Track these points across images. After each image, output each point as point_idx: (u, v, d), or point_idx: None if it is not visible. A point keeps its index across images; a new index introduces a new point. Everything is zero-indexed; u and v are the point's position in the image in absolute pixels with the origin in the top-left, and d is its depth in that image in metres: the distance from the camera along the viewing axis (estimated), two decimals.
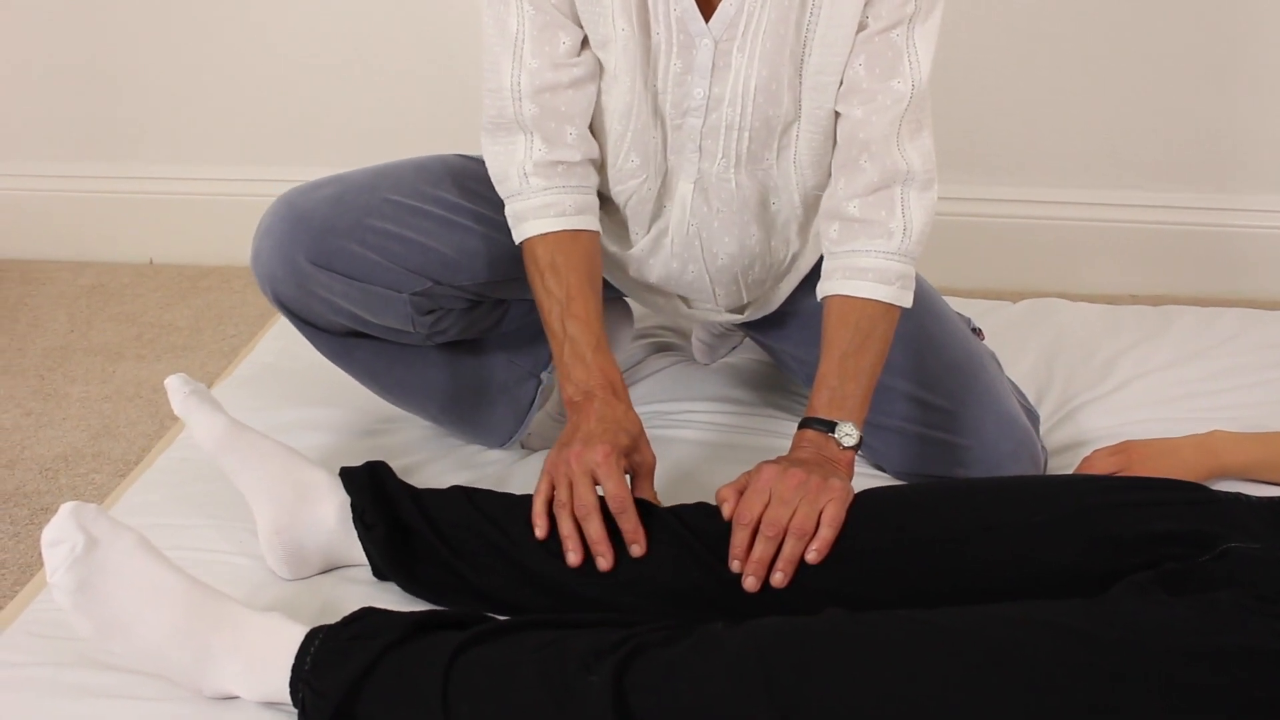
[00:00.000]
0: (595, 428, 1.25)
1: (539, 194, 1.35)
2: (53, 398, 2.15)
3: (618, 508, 1.20)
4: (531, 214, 1.35)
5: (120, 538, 1.14)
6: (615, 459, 1.22)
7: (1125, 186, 2.40)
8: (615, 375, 1.31)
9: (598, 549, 1.20)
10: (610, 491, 1.20)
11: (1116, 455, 1.47)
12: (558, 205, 1.35)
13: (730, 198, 1.39)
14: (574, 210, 1.35)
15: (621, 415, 1.28)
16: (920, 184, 1.33)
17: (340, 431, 1.65)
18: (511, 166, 1.35)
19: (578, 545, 1.20)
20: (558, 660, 1.06)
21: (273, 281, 1.40)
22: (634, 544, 1.20)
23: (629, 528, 1.20)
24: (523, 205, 1.35)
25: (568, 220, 1.35)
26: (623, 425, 1.27)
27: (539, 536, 1.22)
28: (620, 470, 1.22)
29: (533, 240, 1.35)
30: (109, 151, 2.66)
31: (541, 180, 1.35)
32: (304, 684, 1.10)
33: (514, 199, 1.36)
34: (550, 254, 1.33)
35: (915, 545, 1.18)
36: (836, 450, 1.27)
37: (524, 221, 1.36)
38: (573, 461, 1.22)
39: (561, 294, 1.32)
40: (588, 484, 1.21)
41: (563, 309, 1.32)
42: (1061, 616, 1.02)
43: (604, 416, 1.26)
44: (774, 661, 1.02)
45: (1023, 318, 1.96)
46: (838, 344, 1.30)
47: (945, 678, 0.99)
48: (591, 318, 1.32)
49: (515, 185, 1.36)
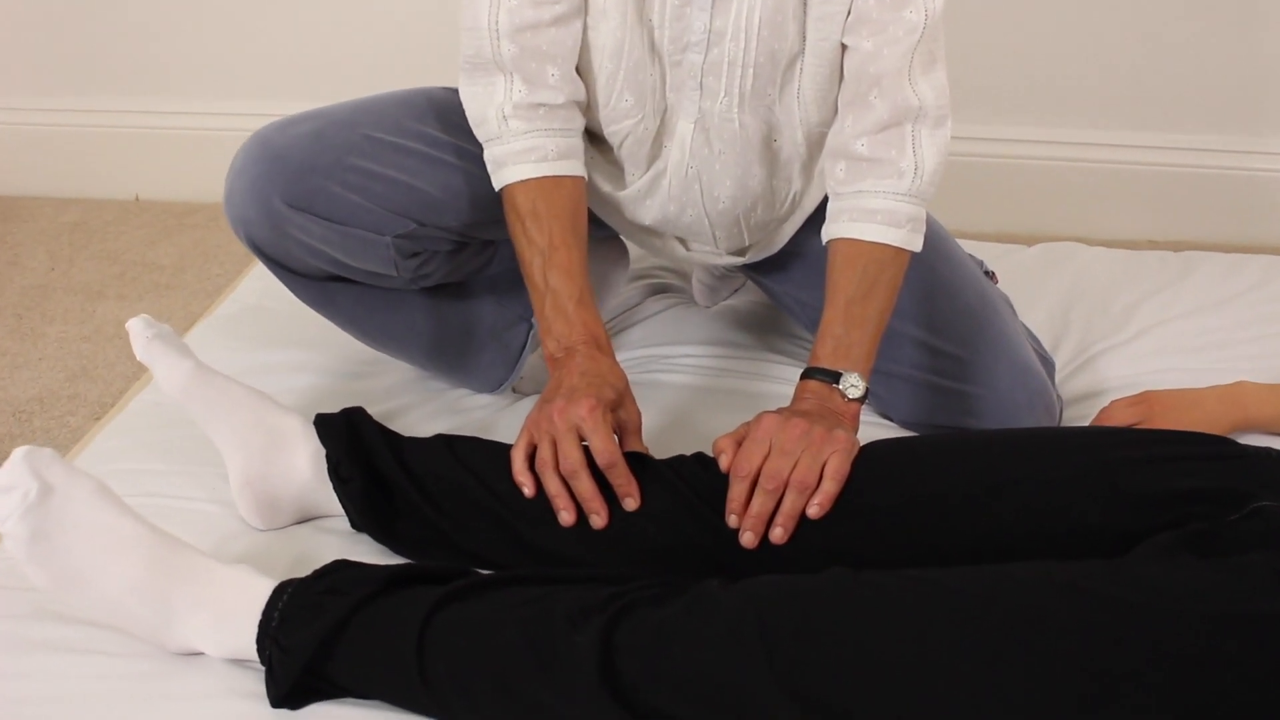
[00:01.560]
0: (578, 382, 1.21)
1: (519, 138, 1.29)
2: (29, 338, 2.14)
3: (606, 462, 1.16)
4: (511, 159, 1.30)
5: (77, 485, 1.10)
6: (601, 412, 1.18)
7: (1147, 127, 2.37)
8: (599, 330, 1.28)
9: (590, 506, 1.16)
10: (597, 446, 1.16)
11: (1136, 406, 1.44)
12: (539, 149, 1.29)
13: (733, 137, 1.35)
14: (556, 155, 1.30)
15: (606, 370, 1.24)
16: (933, 121, 1.29)
17: (322, 374, 1.62)
18: (490, 109, 1.30)
19: (569, 503, 1.17)
20: (542, 619, 1.03)
21: (246, 225, 1.36)
22: (627, 497, 1.17)
23: (621, 481, 1.17)
24: (502, 150, 1.30)
25: (550, 165, 1.29)
26: (607, 380, 1.23)
27: (528, 495, 1.18)
28: (607, 423, 1.18)
29: (513, 187, 1.30)
30: (94, 84, 2.63)
31: (522, 123, 1.29)
32: (271, 641, 1.07)
33: (493, 143, 1.31)
34: (531, 201, 1.29)
35: (924, 501, 1.14)
36: (841, 403, 1.23)
37: (503, 167, 1.31)
38: (556, 418, 1.18)
39: (543, 243, 1.28)
40: (573, 440, 1.17)
41: (544, 259, 1.27)
42: (1080, 579, 0.98)
43: (587, 371, 1.23)
44: (773, 624, 0.98)
45: (1037, 262, 1.94)
46: (843, 290, 1.27)
47: (956, 644, 0.95)
48: (574, 269, 1.28)
49: (494, 129, 1.30)
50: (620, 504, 1.17)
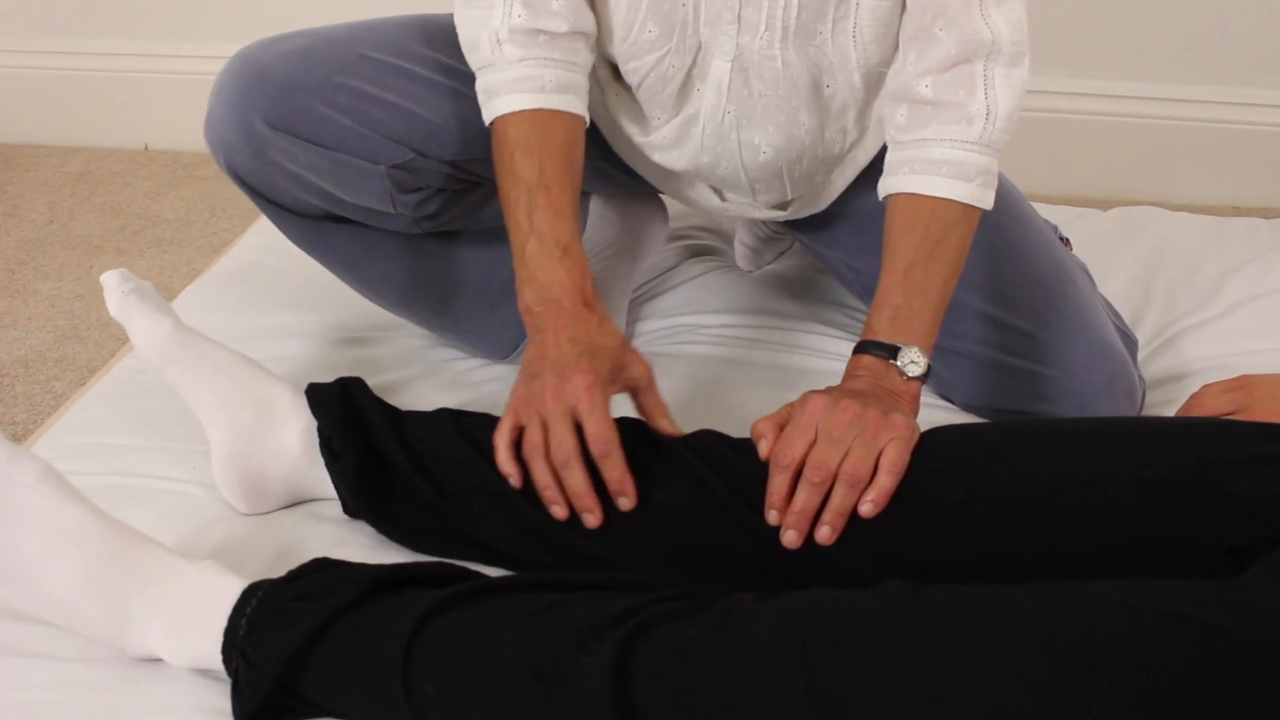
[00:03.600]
0: (567, 351, 1.11)
1: (513, 65, 1.19)
2: (20, 294, 2.06)
3: (601, 451, 1.06)
4: (504, 88, 1.19)
5: (20, 468, 1.01)
6: (599, 390, 1.08)
7: (1235, 83, 2.27)
8: (586, 281, 1.17)
9: (581, 504, 1.07)
10: (593, 431, 1.06)
11: (1233, 393, 1.30)
12: (535, 79, 1.19)
13: (776, 79, 1.23)
14: (555, 87, 1.19)
15: (595, 330, 1.13)
16: (1008, 58, 1.17)
17: (321, 339, 1.54)
18: (484, 33, 1.20)
19: (559, 497, 1.07)
20: (547, 635, 0.92)
21: (227, 150, 1.28)
22: (621, 496, 1.07)
23: (615, 475, 1.06)
24: (495, 78, 1.20)
25: (546, 98, 1.19)
26: (599, 343, 1.12)
27: (514, 486, 1.09)
28: (605, 404, 1.08)
29: (504, 119, 1.19)
30: (104, 26, 2.57)
31: (517, 50, 1.19)
32: (238, 652, 0.97)
33: (485, 71, 1.21)
34: (524, 134, 1.18)
35: (995, 500, 1.02)
36: (899, 381, 1.13)
37: (495, 97, 1.20)
38: (548, 397, 1.08)
39: (531, 178, 1.17)
40: (567, 424, 1.06)
41: (530, 198, 1.17)
42: (1185, 605, 0.84)
43: (576, 336, 1.12)
44: (816, 649, 0.86)
45: (1114, 228, 1.85)
46: (903, 253, 1.16)
47: (1032, 682, 0.82)
48: (564, 209, 1.17)
49: (487, 55, 1.20)
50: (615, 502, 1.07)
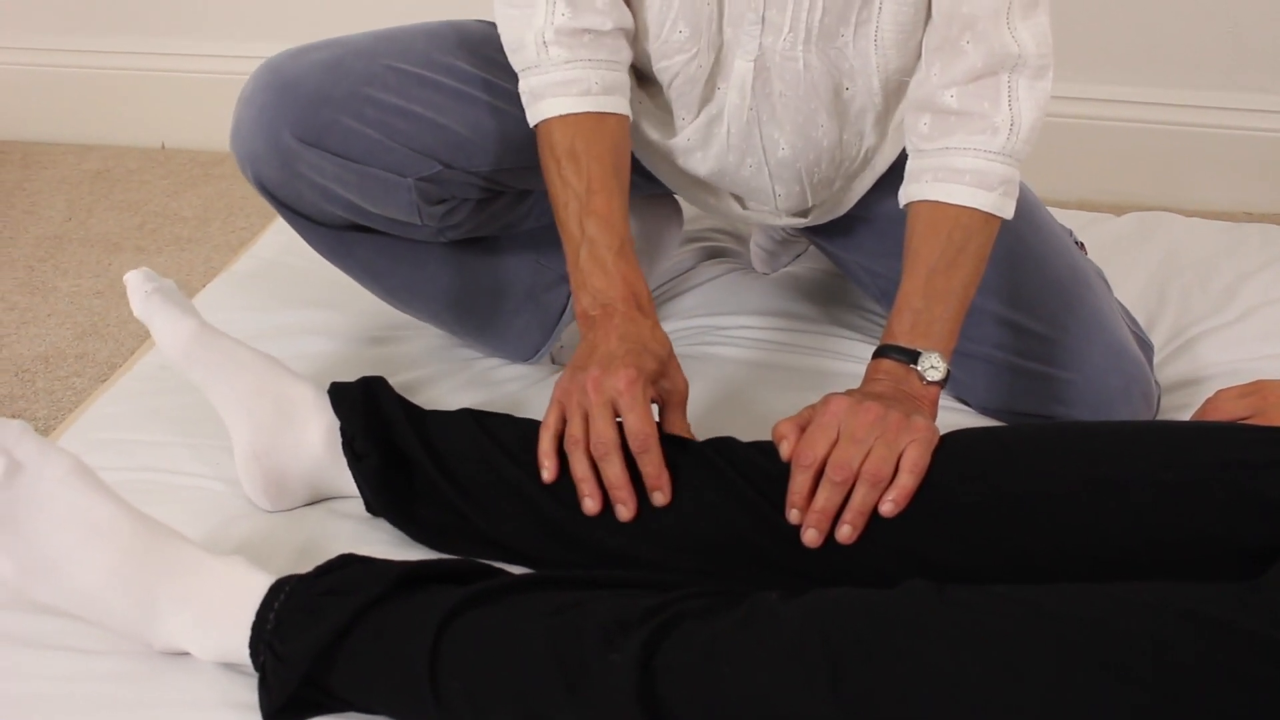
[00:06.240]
0: (616, 348, 1.12)
1: (560, 67, 1.19)
2: (40, 291, 2.06)
3: (640, 446, 1.07)
4: (550, 91, 1.20)
5: (50, 463, 1.01)
6: (641, 386, 1.08)
7: (1248, 89, 2.25)
8: (641, 286, 1.18)
9: (617, 495, 1.07)
10: (632, 426, 1.07)
11: (1249, 397, 1.29)
12: (582, 82, 1.19)
13: (796, 80, 1.24)
14: (601, 89, 1.20)
15: (647, 334, 1.14)
16: (1033, 71, 1.18)
17: (342, 339, 1.54)
18: (528, 33, 1.20)
19: (595, 490, 1.08)
20: (573, 632, 0.92)
21: (254, 161, 1.27)
22: (656, 490, 1.07)
23: (652, 471, 1.07)
24: (540, 80, 1.20)
25: (593, 100, 1.19)
26: (648, 346, 1.13)
27: (546, 479, 1.10)
28: (646, 400, 1.09)
29: (550, 122, 1.20)
30: (121, 24, 2.56)
31: (564, 51, 1.19)
32: (266, 647, 0.97)
33: (530, 72, 1.21)
34: (570, 139, 1.19)
35: (1015, 501, 1.02)
36: (919, 385, 1.13)
37: (541, 100, 1.20)
38: (590, 389, 1.08)
39: (581, 186, 1.18)
40: (607, 416, 1.07)
41: (581, 204, 1.18)
42: (1207, 606, 0.85)
43: (626, 335, 1.13)
44: (841, 646, 0.87)
45: (1129, 233, 1.84)
46: (924, 259, 1.17)
47: (1057, 683, 0.82)
48: (615, 216, 1.18)
49: (532, 56, 1.20)
50: (649, 496, 1.08)
